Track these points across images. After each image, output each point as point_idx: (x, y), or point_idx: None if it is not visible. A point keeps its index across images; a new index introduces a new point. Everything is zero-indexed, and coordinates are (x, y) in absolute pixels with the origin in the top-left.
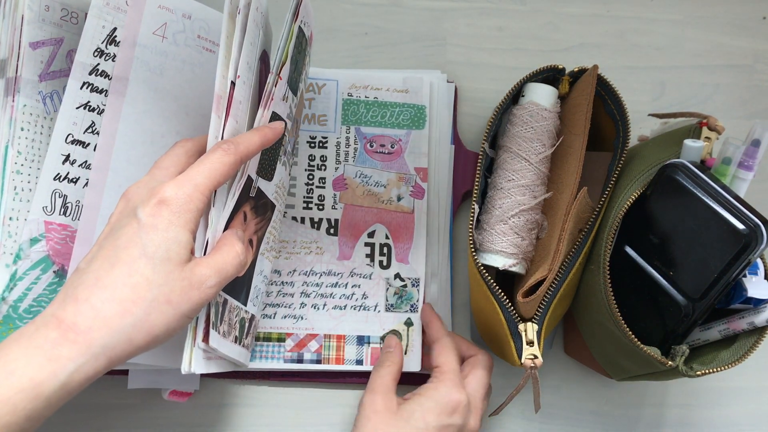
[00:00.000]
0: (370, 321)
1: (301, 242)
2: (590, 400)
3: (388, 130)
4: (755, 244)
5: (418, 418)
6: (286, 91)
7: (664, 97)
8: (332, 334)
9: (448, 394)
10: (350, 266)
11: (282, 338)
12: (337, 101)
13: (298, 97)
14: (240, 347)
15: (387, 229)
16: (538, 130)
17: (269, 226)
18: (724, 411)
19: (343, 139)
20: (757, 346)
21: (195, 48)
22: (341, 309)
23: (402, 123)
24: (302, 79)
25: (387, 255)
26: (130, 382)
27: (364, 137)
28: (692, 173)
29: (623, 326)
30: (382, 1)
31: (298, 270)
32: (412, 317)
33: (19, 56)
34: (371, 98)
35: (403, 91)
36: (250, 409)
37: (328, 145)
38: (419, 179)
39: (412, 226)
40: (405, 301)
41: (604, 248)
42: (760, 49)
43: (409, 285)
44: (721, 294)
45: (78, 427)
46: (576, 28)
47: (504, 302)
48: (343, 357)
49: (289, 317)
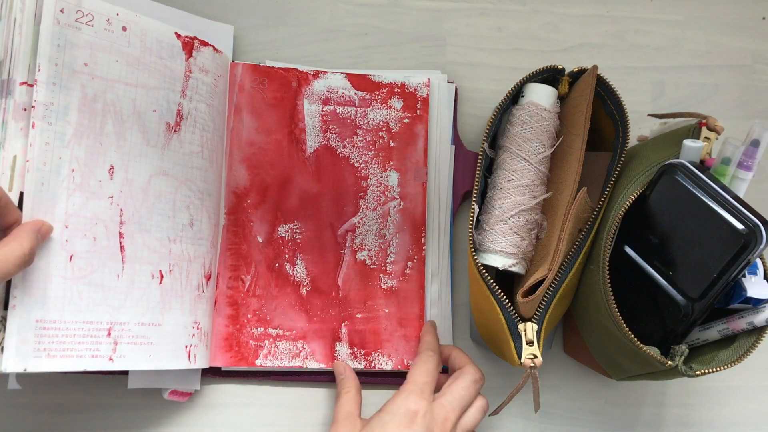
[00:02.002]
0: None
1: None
2: (590, 400)
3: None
4: (754, 244)
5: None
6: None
7: (664, 97)
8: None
9: (404, 404)
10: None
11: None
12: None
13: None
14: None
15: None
16: (538, 130)
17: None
18: (723, 411)
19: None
20: (757, 345)
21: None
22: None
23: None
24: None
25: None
26: (130, 382)
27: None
28: (692, 173)
29: (623, 326)
30: (382, 1)
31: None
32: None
33: (12, 58)
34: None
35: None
36: (250, 409)
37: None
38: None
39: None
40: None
41: (604, 248)
42: (759, 49)
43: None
44: (720, 294)
45: (78, 427)
46: (576, 28)
47: (504, 302)
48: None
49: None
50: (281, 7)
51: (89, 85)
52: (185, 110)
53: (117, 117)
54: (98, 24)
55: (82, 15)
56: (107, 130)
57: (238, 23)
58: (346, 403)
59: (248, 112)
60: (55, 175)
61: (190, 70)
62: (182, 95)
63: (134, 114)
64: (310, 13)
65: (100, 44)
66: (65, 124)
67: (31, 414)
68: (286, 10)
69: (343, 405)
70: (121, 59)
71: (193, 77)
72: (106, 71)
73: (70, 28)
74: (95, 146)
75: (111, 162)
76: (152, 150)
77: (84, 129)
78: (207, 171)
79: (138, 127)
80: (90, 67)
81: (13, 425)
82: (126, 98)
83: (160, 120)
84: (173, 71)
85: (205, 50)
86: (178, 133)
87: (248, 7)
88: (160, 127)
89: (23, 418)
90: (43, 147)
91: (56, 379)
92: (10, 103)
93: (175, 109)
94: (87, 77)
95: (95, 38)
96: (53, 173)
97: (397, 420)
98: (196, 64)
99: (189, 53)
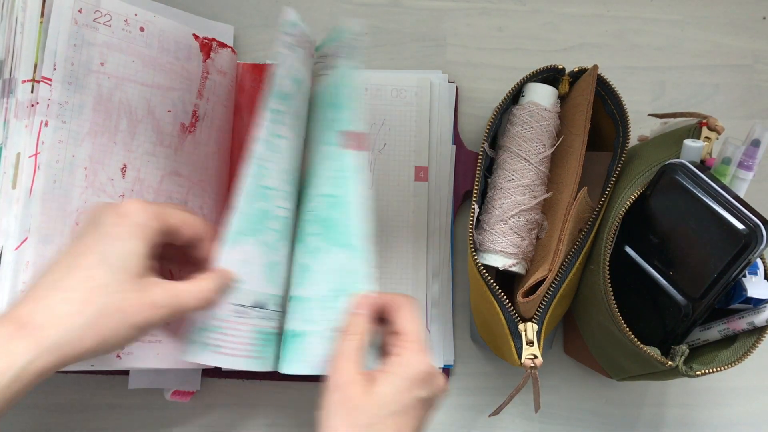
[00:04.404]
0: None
1: None
2: (590, 400)
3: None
4: (755, 244)
5: (392, 401)
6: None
7: (664, 97)
8: None
9: (415, 366)
10: None
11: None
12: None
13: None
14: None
15: None
16: (538, 130)
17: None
18: (723, 411)
19: None
20: (757, 346)
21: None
22: None
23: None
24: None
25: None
26: (131, 383)
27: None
28: (692, 173)
29: (623, 326)
30: (382, 1)
31: None
32: None
33: (13, 58)
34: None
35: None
36: (250, 409)
37: None
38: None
39: None
40: None
41: (604, 248)
42: (760, 49)
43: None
44: (720, 294)
45: (78, 427)
46: (576, 28)
47: (504, 302)
48: None
49: None
50: (281, 7)
51: (105, 84)
52: (201, 111)
53: (131, 116)
54: (116, 24)
55: (101, 15)
56: (121, 129)
57: (238, 23)
58: (349, 350)
59: (248, 112)
60: (68, 173)
61: (208, 71)
62: (199, 96)
63: (148, 114)
64: (310, 13)
65: (118, 44)
66: (79, 123)
67: (31, 414)
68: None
69: (345, 351)
70: (138, 59)
71: (211, 78)
72: (122, 71)
73: (87, 28)
74: (109, 145)
75: (124, 161)
76: (165, 150)
77: (98, 128)
78: (221, 172)
79: (152, 127)
80: (106, 67)
81: (13, 425)
82: (141, 98)
83: (174, 120)
84: (190, 72)
85: (223, 52)
86: (192, 134)
87: (248, 7)
88: (174, 127)
89: (23, 418)
90: (57, 145)
91: (56, 379)
92: (12, 102)
93: (191, 110)
94: (103, 77)
95: (112, 38)
96: (66, 171)
97: (411, 384)
98: (214, 65)
99: (207, 54)
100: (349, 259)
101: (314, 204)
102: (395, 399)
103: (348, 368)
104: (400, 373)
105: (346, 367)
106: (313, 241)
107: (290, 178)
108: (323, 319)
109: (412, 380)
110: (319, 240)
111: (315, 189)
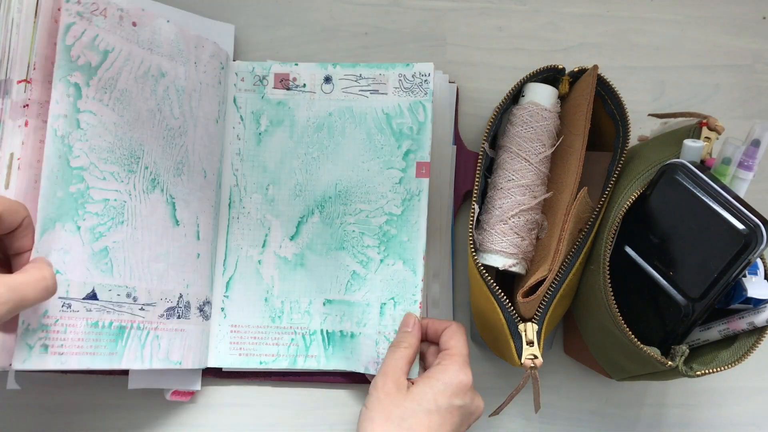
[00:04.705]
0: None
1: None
2: (590, 400)
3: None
4: (755, 244)
5: (429, 400)
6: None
7: (664, 97)
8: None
9: (456, 376)
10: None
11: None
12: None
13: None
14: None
15: None
16: (538, 130)
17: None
18: (723, 411)
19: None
20: (757, 346)
21: None
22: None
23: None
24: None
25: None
26: (130, 383)
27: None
28: (692, 173)
29: (623, 326)
30: (382, 1)
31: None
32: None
33: (9, 59)
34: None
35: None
36: (250, 409)
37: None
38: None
39: None
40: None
41: (604, 248)
42: (760, 49)
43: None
44: (720, 294)
45: (78, 427)
46: (576, 28)
47: (504, 302)
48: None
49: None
50: (281, 7)
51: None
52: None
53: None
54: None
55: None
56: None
57: (238, 23)
58: (401, 359)
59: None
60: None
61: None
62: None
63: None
64: (310, 12)
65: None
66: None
67: (31, 414)
68: (286, 10)
69: (397, 359)
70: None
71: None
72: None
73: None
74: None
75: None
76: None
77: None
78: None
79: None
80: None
81: (13, 425)
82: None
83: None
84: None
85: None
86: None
87: (248, 7)
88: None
89: (23, 418)
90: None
91: (56, 379)
92: (7, 103)
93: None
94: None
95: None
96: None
97: (450, 390)
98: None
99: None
100: (404, 271)
101: (371, 218)
102: (432, 399)
103: (395, 374)
104: (441, 378)
105: (393, 373)
106: (369, 253)
107: (118, 157)
108: (375, 323)
109: (451, 387)
110: (376, 252)
111: (370, 205)
